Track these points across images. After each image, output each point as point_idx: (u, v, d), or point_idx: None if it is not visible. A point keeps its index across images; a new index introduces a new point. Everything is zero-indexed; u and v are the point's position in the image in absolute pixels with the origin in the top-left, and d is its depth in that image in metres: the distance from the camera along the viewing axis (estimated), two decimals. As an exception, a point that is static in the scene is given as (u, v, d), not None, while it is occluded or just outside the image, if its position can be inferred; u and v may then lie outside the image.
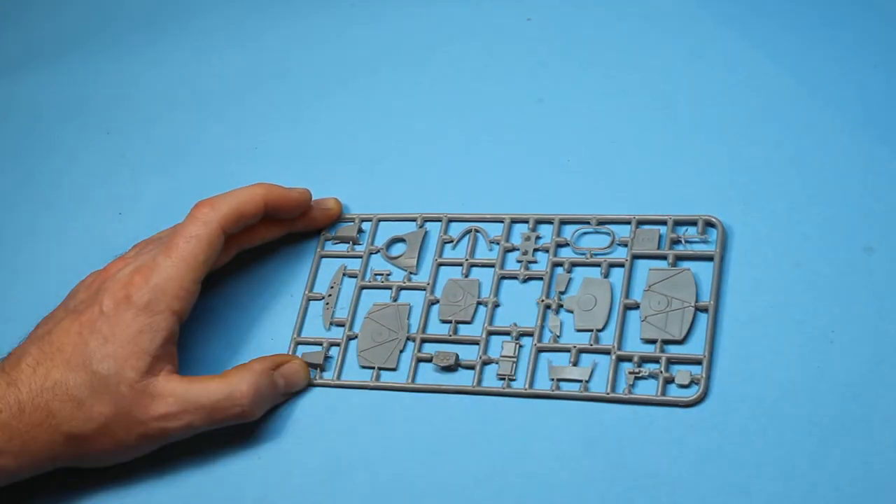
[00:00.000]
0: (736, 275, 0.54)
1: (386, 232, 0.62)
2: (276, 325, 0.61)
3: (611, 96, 0.63)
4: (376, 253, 0.61)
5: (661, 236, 0.56)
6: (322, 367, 0.58)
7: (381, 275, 0.60)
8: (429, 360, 0.57)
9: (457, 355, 0.56)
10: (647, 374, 0.53)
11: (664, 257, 0.56)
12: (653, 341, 0.54)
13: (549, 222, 0.59)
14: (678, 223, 0.56)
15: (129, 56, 0.77)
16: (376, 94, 0.68)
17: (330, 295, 0.61)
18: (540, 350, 0.55)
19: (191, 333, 0.60)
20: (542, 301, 0.56)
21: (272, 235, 0.62)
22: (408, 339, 0.58)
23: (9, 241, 0.71)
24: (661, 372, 0.53)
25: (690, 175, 0.58)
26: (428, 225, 0.61)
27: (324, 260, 0.62)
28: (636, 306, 0.55)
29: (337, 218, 0.63)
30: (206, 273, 0.57)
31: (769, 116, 0.59)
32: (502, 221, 0.60)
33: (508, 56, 0.67)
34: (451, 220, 0.61)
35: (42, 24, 0.82)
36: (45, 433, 0.53)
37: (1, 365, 0.55)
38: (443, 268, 0.60)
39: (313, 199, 0.62)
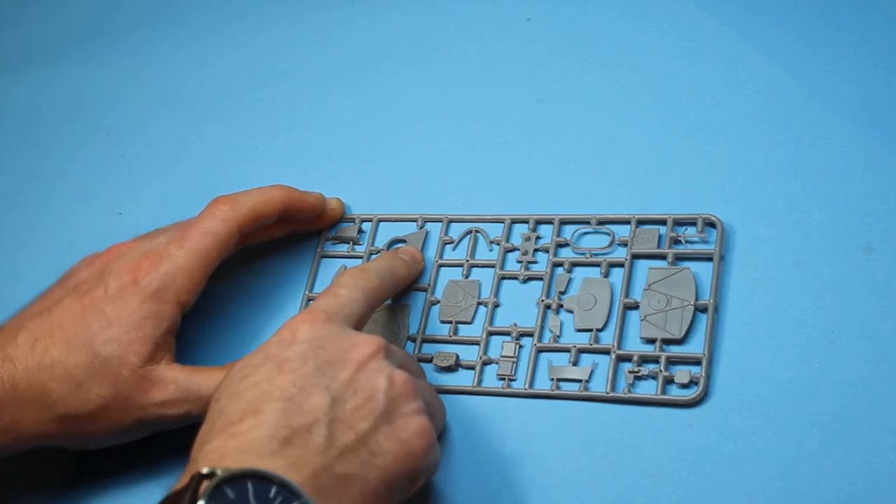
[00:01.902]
0: (736, 274, 0.54)
1: (386, 232, 0.62)
2: (276, 326, 0.60)
3: (611, 96, 0.63)
4: (377, 253, 0.61)
5: (660, 236, 0.56)
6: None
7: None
8: (429, 361, 0.57)
9: (457, 355, 0.56)
10: (646, 373, 0.53)
11: (664, 256, 0.56)
12: (652, 341, 0.54)
13: (549, 222, 0.59)
14: (678, 222, 0.56)
15: (128, 56, 0.77)
16: (376, 94, 0.68)
17: (330, 295, 0.60)
18: (540, 350, 0.55)
19: (191, 333, 0.61)
20: (542, 301, 0.56)
21: (277, 234, 0.61)
22: (408, 339, 0.58)
23: (9, 241, 0.71)
24: (661, 371, 0.53)
25: (690, 174, 0.58)
26: (428, 225, 0.61)
27: (324, 260, 0.62)
28: (636, 306, 0.55)
29: (340, 218, 0.63)
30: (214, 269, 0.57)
31: (769, 116, 0.59)
32: (502, 222, 0.60)
33: (508, 56, 0.67)
34: (451, 221, 0.61)
35: (42, 24, 0.82)
36: (37, 412, 0.53)
37: None
38: (443, 268, 0.60)
39: None
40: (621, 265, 0.56)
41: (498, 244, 0.59)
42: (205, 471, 0.42)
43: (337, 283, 0.52)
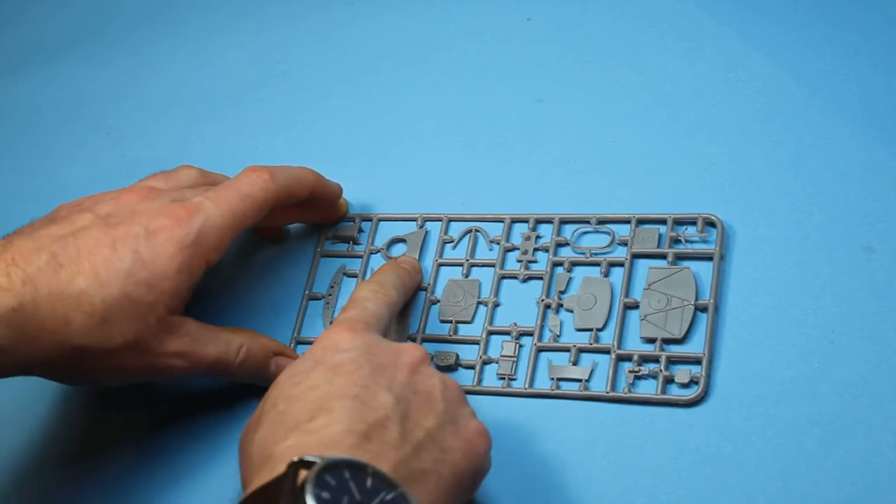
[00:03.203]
0: (736, 274, 0.54)
1: (386, 232, 0.62)
2: (276, 325, 0.61)
3: (611, 96, 0.63)
4: (376, 253, 0.61)
5: (660, 235, 0.56)
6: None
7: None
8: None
9: (457, 355, 0.56)
10: (647, 373, 0.53)
11: (664, 256, 0.56)
12: (652, 340, 0.54)
13: (549, 222, 0.59)
14: (678, 222, 0.56)
15: (128, 56, 0.77)
16: (376, 94, 0.68)
17: (330, 294, 0.61)
18: (540, 349, 0.55)
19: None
20: (542, 301, 0.56)
21: (284, 222, 0.62)
22: (408, 339, 0.58)
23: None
24: (661, 371, 0.53)
25: (690, 174, 0.58)
26: (428, 225, 0.61)
27: (323, 259, 0.62)
28: (636, 305, 0.55)
29: (344, 215, 0.63)
30: None
31: (769, 116, 0.59)
32: (502, 221, 0.59)
33: (508, 56, 0.67)
34: (451, 221, 0.61)
35: (42, 24, 0.82)
36: (54, 339, 0.51)
37: (10, 256, 0.51)
38: (443, 268, 0.60)
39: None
40: (621, 265, 0.56)
41: (498, 243, 0.59)
42: (296, 459, 0.42)
43: (360, 298, 0.53)
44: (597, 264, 0.57)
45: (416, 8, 0.71)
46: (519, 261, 0.58)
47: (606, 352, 0.54)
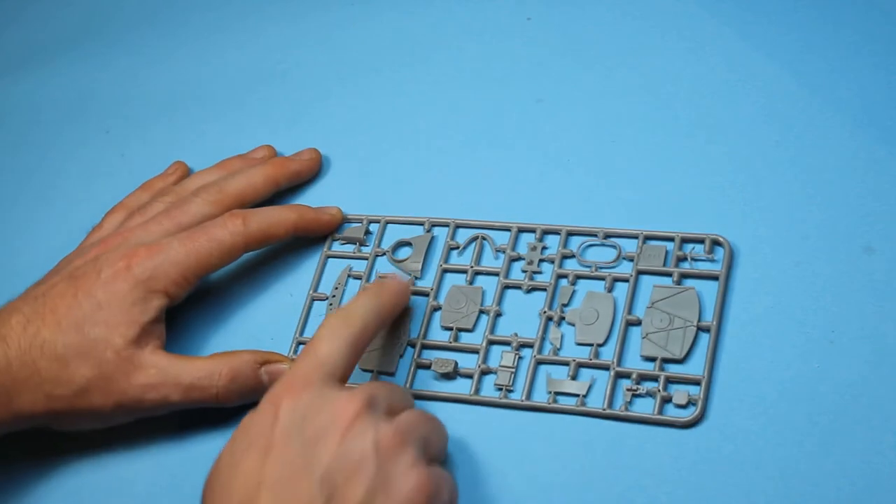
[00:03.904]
0: (740, 296, 0.54)
1: (393, 234, 0.62)
2: (280, 325, 0.60)
3: (611, 96, 0.63)
4: (382, 255, 0.61)
5: (667, 252, 0.56)
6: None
7: (385, 278, 0.60)
8: (428, 367, 0.57)
9: (456, 363, 0.56)
10: (644, 391, 0.53)
11: (669, 274, 0.55)
12: (653, 359, 0.53)
13: (557, 233, 0.58)
14: (685, 240, 0.56)
15: (128, 55, 0.77)
16: (376, 94, 0.68)
17: (334, 296, 0.60)
18: (539, 362, 0.55)
19: (192, 330, 0.61)
20: (545, 313, 0.56)
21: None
22: (409, 344, 0.58)
23: (7, 240, 0.71)
24: (659, 391, 0.52)
25: (690, 174, 0.59)
26: (435, 229, 0.61)
27: (330, 260, 0.62)
28: (638, 322, 0.54)
29: (337, 227, 0.62)
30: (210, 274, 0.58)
31: (769, 116, 0.59)
32: (509, 230, 0.59)
33: (508, 56, 0.67)
34: (458, 227, 0.60)
35: (42, 24, 0.82)
36: (29, 391, 0.54)
37: None
38: (447, 274, 0.59)
39: (315, 205, 0.62)
40: (626, 280, 0.56)
41: (503, 252, 0.59)
42: None
43: (317, 337, 0.51)
44: (601, 279, 0.56)
45: (416, 8, 0.71)
46: (524, 271, 0.58)
47: (606, 368, 0.54)
